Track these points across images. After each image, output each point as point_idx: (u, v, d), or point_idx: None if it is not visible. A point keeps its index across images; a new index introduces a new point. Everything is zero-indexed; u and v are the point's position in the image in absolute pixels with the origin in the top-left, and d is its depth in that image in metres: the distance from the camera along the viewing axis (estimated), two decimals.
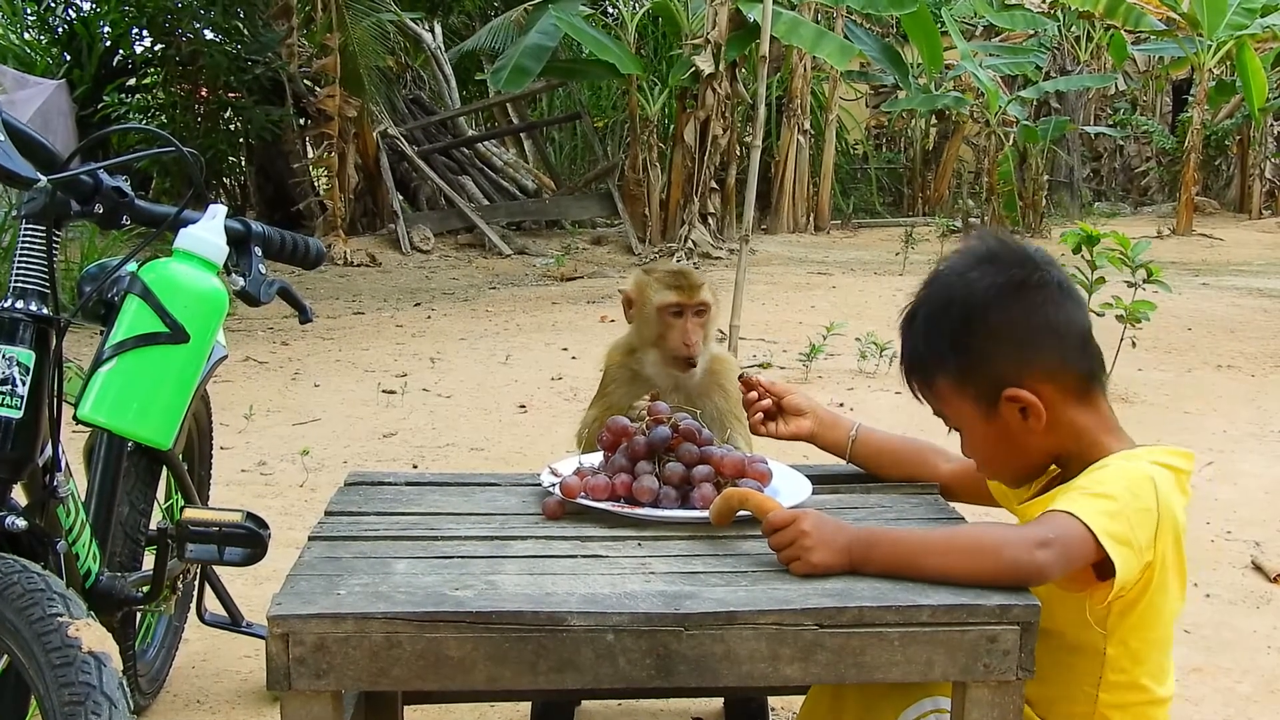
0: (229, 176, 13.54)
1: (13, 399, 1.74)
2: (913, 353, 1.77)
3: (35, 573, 1.62)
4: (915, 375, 1.78)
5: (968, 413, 1.72)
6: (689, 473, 1.81)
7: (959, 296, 1.70)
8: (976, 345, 1.68)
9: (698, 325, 2.39)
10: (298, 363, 6.78)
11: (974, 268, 1.71)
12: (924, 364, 1.75)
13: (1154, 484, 1.58)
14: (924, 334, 1.73)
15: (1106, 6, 13.78)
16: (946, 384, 1.72)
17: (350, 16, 11.53)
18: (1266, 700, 2.83)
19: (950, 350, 1.70)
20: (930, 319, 1.73)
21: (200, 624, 2.76)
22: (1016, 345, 1.67)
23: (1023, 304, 1.68)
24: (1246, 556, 3.74)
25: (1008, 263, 1.70)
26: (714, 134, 12.67)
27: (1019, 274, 1.69)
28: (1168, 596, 1.62)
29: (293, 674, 1.40)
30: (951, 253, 1.79)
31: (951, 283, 1.72)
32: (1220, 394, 6.20)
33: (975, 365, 1.69)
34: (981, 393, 1.69)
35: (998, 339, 1.67)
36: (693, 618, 1.42)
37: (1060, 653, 1.63)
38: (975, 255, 1.73)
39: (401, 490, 1.94)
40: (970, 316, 1.68)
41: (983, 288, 1.68)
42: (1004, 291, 1.68)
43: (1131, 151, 20.59)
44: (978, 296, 1.68)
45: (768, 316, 8.23)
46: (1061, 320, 1.69)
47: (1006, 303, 1.67)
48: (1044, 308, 1.68)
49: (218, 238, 1.86)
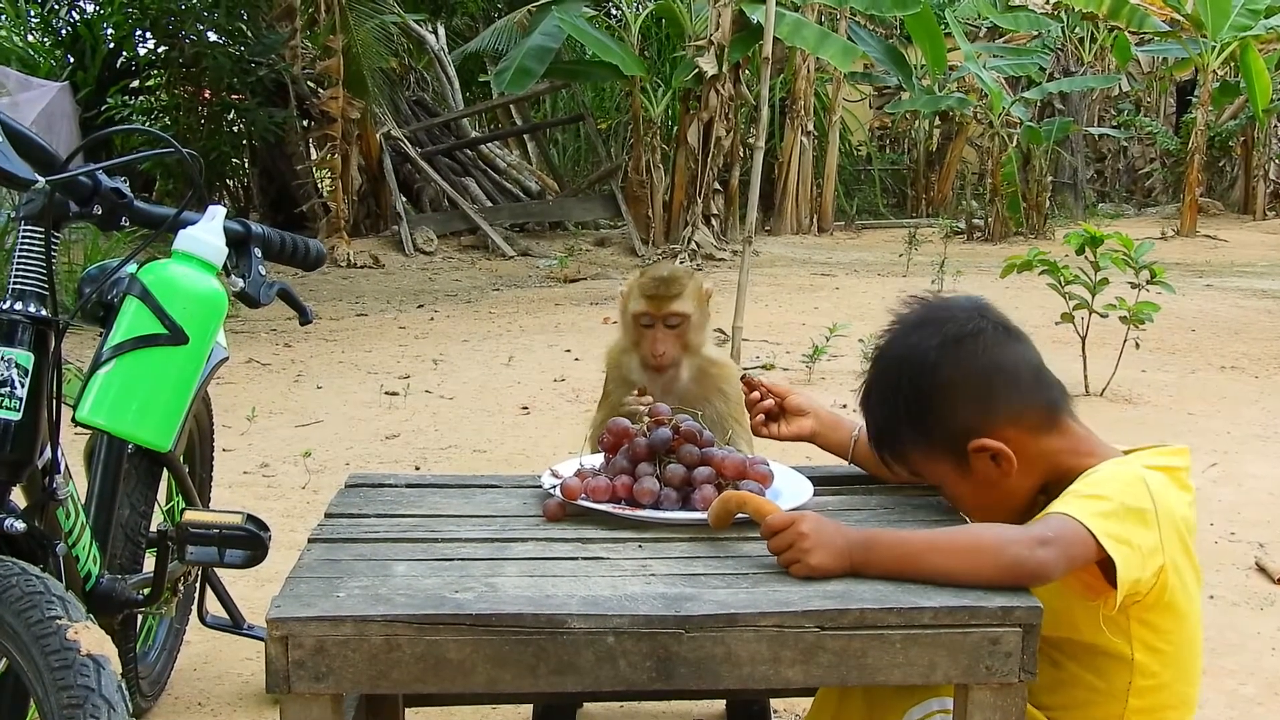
0: (232, 178, 13.55)
1: (11, 401, 1.73)
2: (877, 429, 1.81)
3: (34, 575, 1.61)
4: (884, 449, 1.82)
5: (944, 472, 1.75)
6: (690, 474, 1.80)
7: (905, 364, 1.74)
8: (934, 407, 1.72)
9: (669, 335, 2.36)
10: (300, 364, 6.78)
11: (911, 333, 1.75)
12: (890, 438, 1.79)
13: (1146, 484, 1.59)
14: (881, 409, 1.78)
15: (1110, 8, 13.77)
16: (915, 451, 1.77)
17: (353, 18, 11.54)
18: (1271, 702, 2.82)
19: (909, 418, 1.74)
20: (883, 393, 1.77)
21: (201, 626, 2.75)
22: (972, 397, 1.70)
23: (967, 355, 1.70)
24: (1250, 558, 3.73)
25: (941, 320, 1.74)
26: (717, 135, 12.67)
27: (953, 329, 1.72)
28: (1188, 595, 1.62)
29: (292, 677, 1.40)
30: (888, 326, 1.82)
31: (895, 354, 1.77)
32: (1224, 395, 6.18)
33: (937, 426, 1.72)
34: (950, 450, 1.72)
35: (952, 396, 1.70)
36: (694, 620, 1.42)
37: (1087, 658, 1.62)
38: (909, 323, 1.78)
39: (402, 492, 1.94)
40: (919, 381, 1.72)
41: (924, 349, 1.72)
42: (945, 348, 1.71)
43: (1135, 153, 20.56)
44: (922, 359, 1.72)
45: (771, 317, 8.23)
46: (1008, 362, 1.72)
47: (951, 358, 1.70)
48: (987, 353, 1.71)
49: (217, 239, 1.85)
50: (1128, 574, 1.50)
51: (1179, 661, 1.64)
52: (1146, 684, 1.62)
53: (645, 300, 2.37)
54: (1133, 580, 1.52)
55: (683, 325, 2.37)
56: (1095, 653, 1.62)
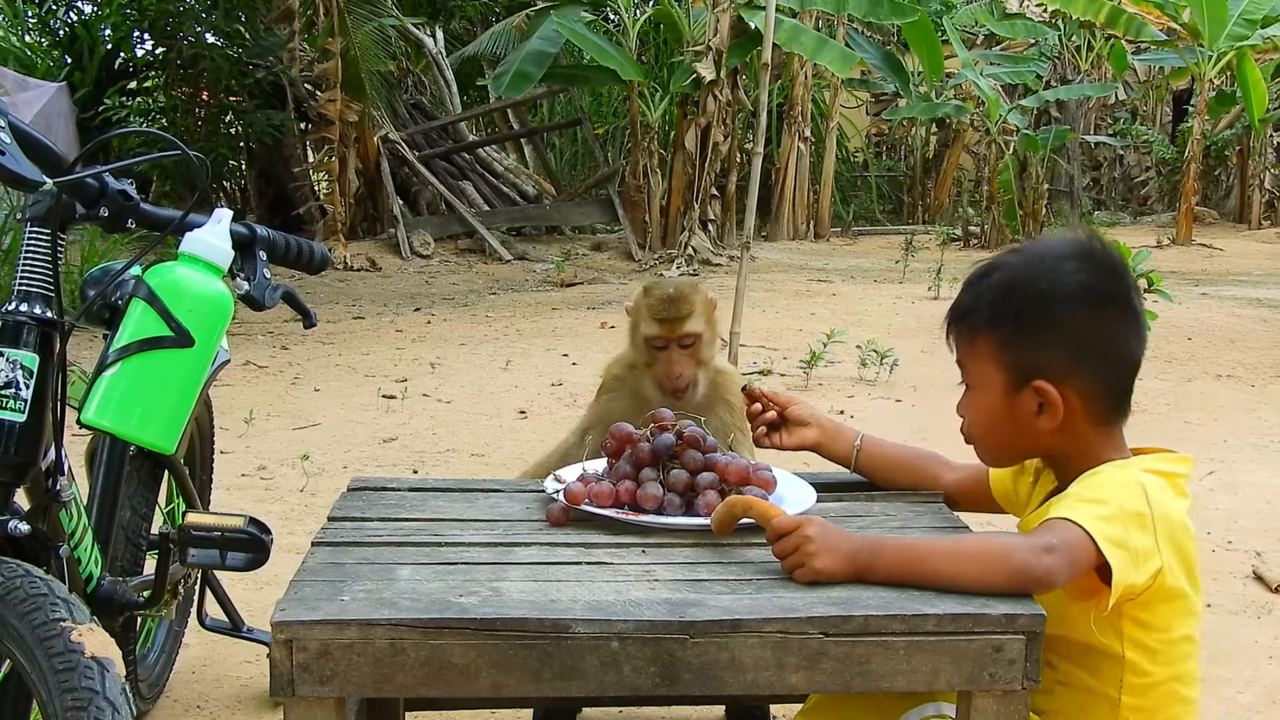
0: (230, 180, 13.54)
1: (16, 402, 1.73)
2: (971, 305, 1.74)
3: (38, 577, 1.61)
4: (962, 324, 1.75)
5: (990, 380, 1.71)
6: (693, 480, 1.80)
7: (1044, 277, 1.68)
8: (1036, 329, 1.67)
9: (685, 356, 2.32)
10: (298, 367, 6.78)
11: (1070, 258, 1.69)
12: (977, 318, 1.72)
13: (1144, 489, 1.59)
14: (992, 293, 1.71)
15: (1107, 16, 13.80)
16: (987, 345, 1.71)
17: (352, 21, 11.54)
18: (1269, 711, 2.82)
19: (1010, 320, 1.68)
20: (1006, 284, 1.70)
21: (201, 629, 2.75)
22: (1074, 347, 1.67)
23: (1099, 316, 1.67)
24: (1248, 566, 3.74)
25: (1104, 270, 1.69)
26: (715, 141, 12.68)
27: (1109, 285, 1.68)
28: (1183, 596, 1.62)
29: (296, 681, 1.40)
30: (1053, 232, 1.77)
31: (1042, 261, 1.70)
32: (1220, 403, 6.20)
33: (1024, 345, 1.67)
34: (1015, 370, 1.68)
35: (1058, 334, 1.67)
36: (698, 626, 1.42)
37: (1080, 656, 1.63)
38: (1076, 247, 1.71)
39: (404, 496, 1.94)
40: (1045, 301, 1.67)
41: (1071, 282, 1.67)
42: (1088, 296, 1.67)
43: (1131, 161, 20.61)
44: (1062, 287, 1.67)
45: (768, 324, 8.23)
46: (1122, 347, 1.69)
47: (1085, 308, 1.67)
48: (1113, 328, 1.68)
49: (223, 242, 1.85)
50: (1123, 577, 1.50)
51: (1172, 661, 1.64)
52: (1139, 682, 1.62)
53: (657, 324, 2.32)
54: (1127, 584, 1.52)
55: (696, 344, 2.34)
56: (1088, 651, 1.62)
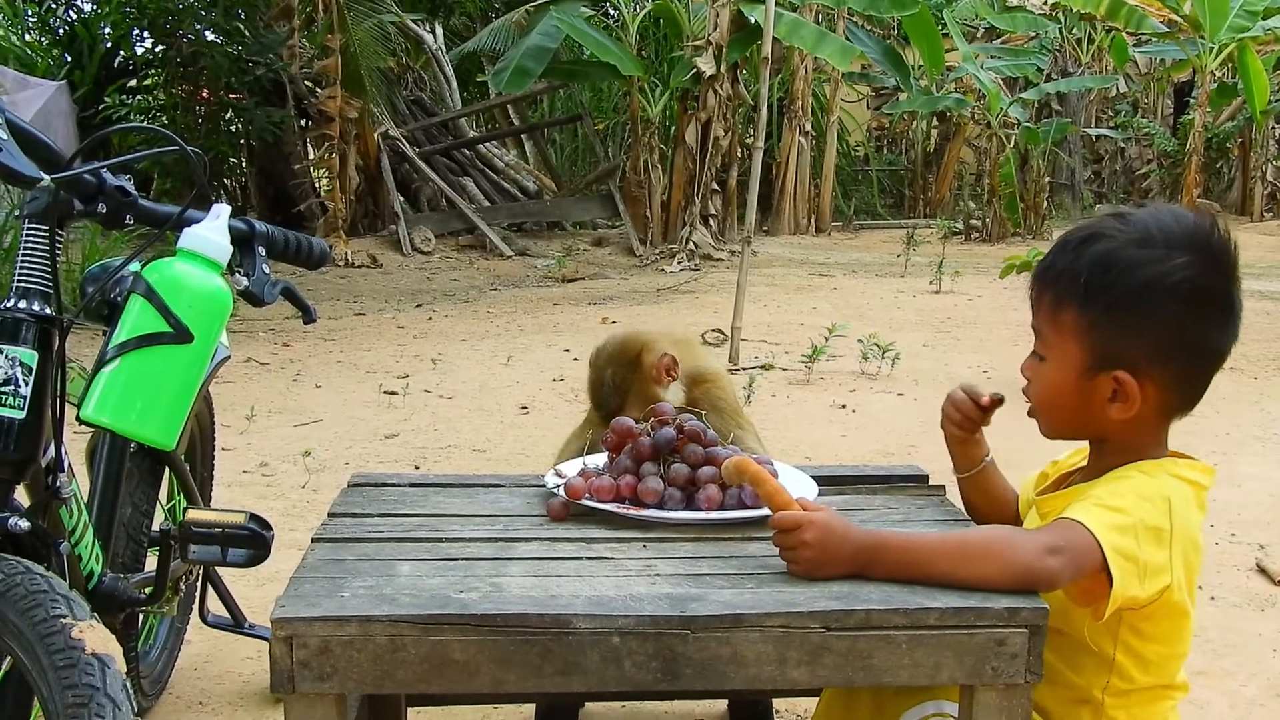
0: (230, 178, 13.54)
1: (15, 399, 1.73)
2: (1067, 272, 1.62)
3: (38, 574, 1.61)
4: (1051, 289, 1.64)
5: (1067, 354, 1.62)
6: (694, 474, 1.80)
7: (1150, 265, 1.57)
8: (1129, 319, 1.58)
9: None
10: (299, 364, 6.78)
11: (1184, 249, 1.57)
12: (1069, 289, 1.61)
13: (1168, 501, 1.56)
14: (1090, 267, 1.59)
15: (1108, 8, 13.77)
16: (1073, 319, 1.61)
17: (351, 18, 11.52)
18: (1272, 704, 2.82)
19: (1103, 302, 1.58)
20: (1106, 260, 1.59)
21: (202, 625, 2.75)
22: (1161, 345, 1.58)
23: (1199, 315, 1.58)
24: (1251, 559, 3.73)
25: (1217, 266, 1.59)
26: (715, 135, 12.67)
27: (1217, 283, 1.59)
28: (1188, 615, 1.61)
29: (297, 677, 1.40)
30: (1173, 210, 1.64)
31: (1152, 244, 1.58)
32: (1223, 396, 6.18)
33: (1113, 332, 1.58)
34: (1097, 354, 1.60)
35: (1152, 329, 1.58)
36: (699, 620, 1.42)
37: (1070, 654, 1.62)
38: (1192, 236, 1.59)
39: (405, 492, 1.94)
40: (1146, 293, 1.56)
41: (1179, 279, 1.56)
42: (1195, 296, 1.57)
43: (1133, 154, 20.56)
44: (1169, 283, 1.56)
45: (769, 318, 8.22)
46: (1214, 344, 1.61)
47: (1187, 307, 1.57)
48: (1210, 328, 1.60)
49: (222, 237, 1.85)
50: (1123, 590, 1.48)
51: (1162, 673, 1.63)
52: (1124, 686, 1.61)
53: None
54: (1128, 596, 1.50)
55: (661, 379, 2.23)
56: (1079, 649, 1.61)
